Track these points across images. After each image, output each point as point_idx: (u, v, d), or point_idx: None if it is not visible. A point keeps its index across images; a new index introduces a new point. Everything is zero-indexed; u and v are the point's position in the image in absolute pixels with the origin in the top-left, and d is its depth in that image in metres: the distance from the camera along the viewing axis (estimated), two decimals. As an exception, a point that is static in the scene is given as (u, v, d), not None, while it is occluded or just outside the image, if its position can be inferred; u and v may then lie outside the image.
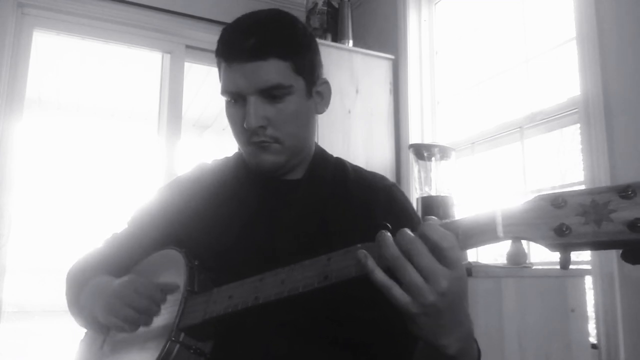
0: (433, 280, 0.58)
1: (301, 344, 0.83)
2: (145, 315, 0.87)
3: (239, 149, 1.01)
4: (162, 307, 0.88)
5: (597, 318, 1.69)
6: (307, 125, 0.97)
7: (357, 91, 2.58)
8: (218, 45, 0.94)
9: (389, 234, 0.62)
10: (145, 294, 0.88)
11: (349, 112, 2.54)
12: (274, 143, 0.91)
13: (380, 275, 0.61)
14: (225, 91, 0.93)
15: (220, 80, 0.94)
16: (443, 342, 0.62)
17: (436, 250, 0.59)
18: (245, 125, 0.89)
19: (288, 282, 0.71)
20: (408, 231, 0.61)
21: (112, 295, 0.89)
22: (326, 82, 1.00)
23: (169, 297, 0.88)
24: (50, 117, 5.17)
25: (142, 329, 0.88)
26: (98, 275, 1.00)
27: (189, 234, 0.96)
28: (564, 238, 0.54)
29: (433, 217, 0.64)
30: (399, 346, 0.80)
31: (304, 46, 0.94)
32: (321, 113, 1.00)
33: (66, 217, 5.52)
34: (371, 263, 0.62)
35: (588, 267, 1.74)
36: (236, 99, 0.91)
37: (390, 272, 0.61)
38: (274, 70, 0.89)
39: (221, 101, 0.95)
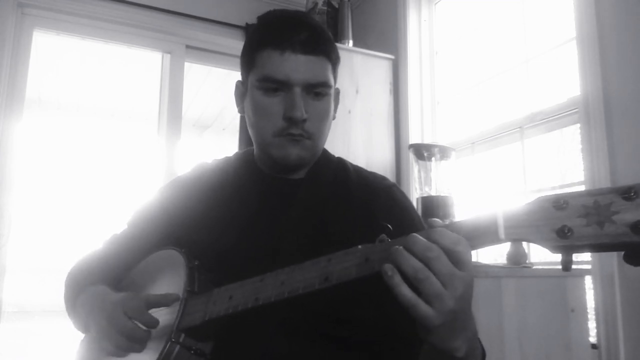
0: (451, 285, 0.58)
1: (301, 344, 0.83)
2: (136, 343, 0.83)
3: (240, 148, 1.00)
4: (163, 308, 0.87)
5: (597, 318, 1.69)
6: (330, 127, 0.99)
7: (357, 91, 2.58)
8: (262, 32, 0.94)
9: (402, 247, 0.60)
10: (137, 319, 0.83)
11: (349, 112, 2.54)
12: (307, 139, 0.93)
13: (406, 291, 0.58)
14: (270, 79, 0.90)
15: (254, 67, 0.93)
16: (454, 345, 0.61)
17: (451, 254, 0.58)
18: (289, 115, 0.89)
19: (288, 283, 0.71)
20: (420, 237, 0.59)
21: (105, 317, 0.86)
22: (339, 91, 1.03)
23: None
24: (50, 117, 5.17)
25: None
26: (95, 282, 0.98)
27: (188, 234, 0.95)
28: (566, 240, 0.53)
29: (436, 219, 0.63)
30: (402, 344, 0.80)
31: (337, 53, 0.98)
32: (334, 119, 1.02)
33: (66, 217, 5.52)
34: (397, 279, 0.59)
35: (588, 267, 1.73)
36: (279, 88, 0.91)
37: (409, 282, 0.59)
38: (323, 68, 0.92)
39: (221, 101, 0.94)
